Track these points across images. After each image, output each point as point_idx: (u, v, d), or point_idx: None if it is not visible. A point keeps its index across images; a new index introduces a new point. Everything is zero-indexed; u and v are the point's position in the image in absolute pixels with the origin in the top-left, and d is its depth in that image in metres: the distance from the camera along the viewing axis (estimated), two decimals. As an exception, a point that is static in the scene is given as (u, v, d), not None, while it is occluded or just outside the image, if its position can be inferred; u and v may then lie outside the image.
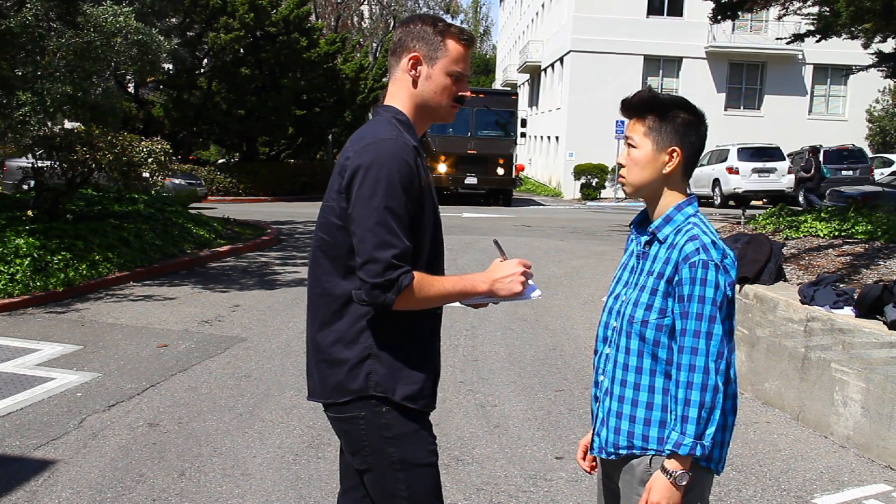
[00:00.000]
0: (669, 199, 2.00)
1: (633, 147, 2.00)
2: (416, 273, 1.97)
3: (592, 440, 2.11)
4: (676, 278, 1.90)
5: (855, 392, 4.68)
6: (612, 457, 2.03)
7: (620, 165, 2.06)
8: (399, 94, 2.14)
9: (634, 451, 1.98)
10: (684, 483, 1.88)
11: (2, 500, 3.76)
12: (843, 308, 6.23)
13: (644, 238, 2.04)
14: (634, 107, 2.00)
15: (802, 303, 6.51)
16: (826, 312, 6.18)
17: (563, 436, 4.73)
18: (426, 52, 2.10)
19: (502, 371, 6.07)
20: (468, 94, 2.17)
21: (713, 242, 1.91)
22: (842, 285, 6.82)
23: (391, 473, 2.07)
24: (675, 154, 1.97)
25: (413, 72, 2.11)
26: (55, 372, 5.80)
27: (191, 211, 13.40)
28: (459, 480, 4.04)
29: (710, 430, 1.87)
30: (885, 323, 5.67)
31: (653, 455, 1.96)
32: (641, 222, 2.10)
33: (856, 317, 6.01)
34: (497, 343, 6.89)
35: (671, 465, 1.89)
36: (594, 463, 2.23)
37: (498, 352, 6.61)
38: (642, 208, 2.12)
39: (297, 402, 5.26)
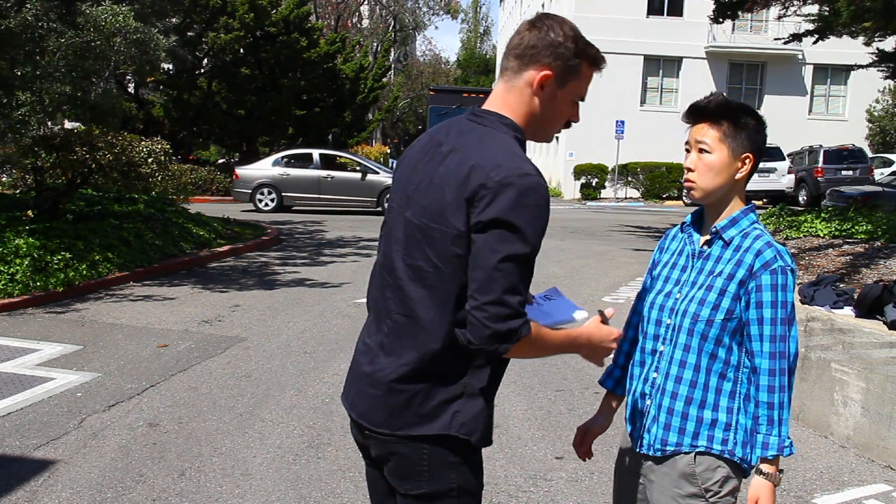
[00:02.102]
0: (735, 205, 2.03)
1: (708, 152, 1.99)
2: (532, 323, 1.80)
3: (641, 437, 2.08)
4: (752, 283, 1.92)
5: (855, 392, 4.68)
6: (660, 453, 2.03)
7: (688, 170, 2.04)
8: (516, 107, 1.92)
9: (682, 449, 1.99)
10: (779, 483, 1.95)
11: (2, 500, 3.76)
12: (843, 308, 6.23)
13: (698, 238, 2.07)
14: (711, 112, 1.99)
15: (802, 303, 6.52)
16: (826, 312, 6.18)
17: (563, 436, 4.72)
18: (559, 73, 1.90)
19: (502, 371, 6.07)
20: (578, 119, 2.01)
21: (784, 249, 1.98)
22: (842, 285, 6.83)
23: (445, 500, 1.91)
24: (748, 161, 1.99)
25: (540, 91, 1.90)
26: (55, 372, 5.80)
27: (190, 211, 13.40)
28: (459, 480, 4.04)
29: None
30: (885, 323, 5.68)
31: (697, 452, 1.98)
32: (694, 222, 2.12)
33: (856, 317, 6.01)
34: (497, 343, 6.88)
35: (772, 469, 1.93)
36: (590, 451, 2.24)
37: (498, 352, 6.61)
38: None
39: (297, 402, 5.26)
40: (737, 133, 1.97)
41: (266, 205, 19.29)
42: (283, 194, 19.35)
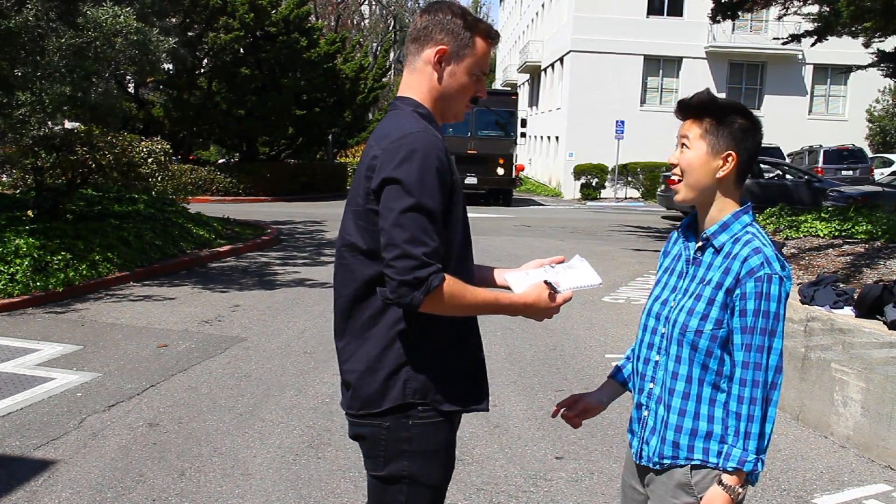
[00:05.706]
0: (723, 206, 1.97)
1: (687, 147, 1.97)
2: (447, 276, 1.84)
3: (641, 448, 2.06)
4: (738, 291, 1.87)
5: (855, 392, 4.68)
6: (658, 466, 2.00)
7: (672, 165, 2.02)
8: (419, 86, 2.04)
9: (678, 462, 1.96)
10: (741, 499, 1.89)
11: (2, 500, 3.76)
12: (843, 308, 6.24)
13: (694, 243, 2.02)
14: (693, 108, 1.97)
15: (802, 303, 6.52)
16: (826, 312, 6.18)
17: (563, 436, 4.72)
18: (454, 48, 2.00)
19: (502, 371, 6.07)
20: (484, 94, 2.09)
21: (775, 255, 1.90)
22: (842, 285, 6.83)
23: (396, 485, 1.99)
24: (730, 158, 1.93)
25: (438, 66, 2.01)
26: (55, 372, 5.80)
27: (190, 211, 13.40)
28: (459, 480, 4.04)
29: (765, 444, 1.88)
30: (885, 323, 5.68)
31: (693, 464, 1.94)
32: (690, 225, 2.07)
33: (856, 317, 6.01)
34: (497, 343, 6.89)
35: (732, 480, 1.88)
36: (576, 420, 2.22)
37: (498, 352, 6.61)
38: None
39: (297, 402, 5.26)
40: (719, 130, 1.93)
41: None
42: None
